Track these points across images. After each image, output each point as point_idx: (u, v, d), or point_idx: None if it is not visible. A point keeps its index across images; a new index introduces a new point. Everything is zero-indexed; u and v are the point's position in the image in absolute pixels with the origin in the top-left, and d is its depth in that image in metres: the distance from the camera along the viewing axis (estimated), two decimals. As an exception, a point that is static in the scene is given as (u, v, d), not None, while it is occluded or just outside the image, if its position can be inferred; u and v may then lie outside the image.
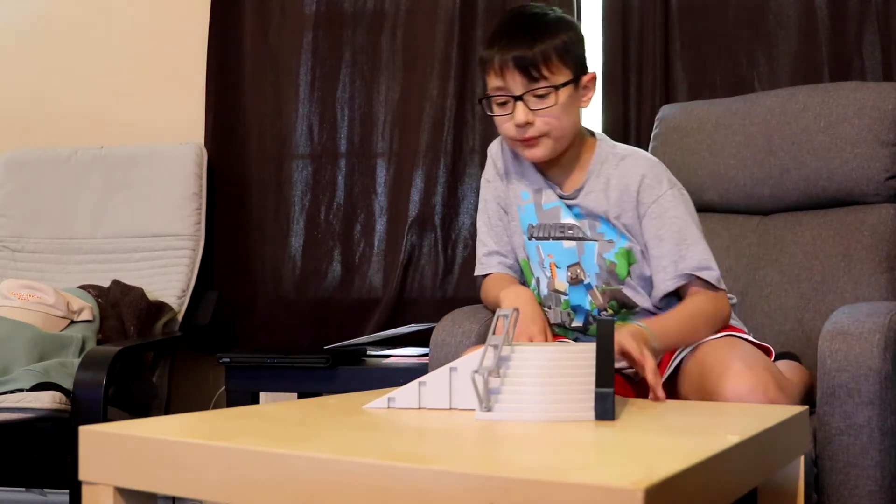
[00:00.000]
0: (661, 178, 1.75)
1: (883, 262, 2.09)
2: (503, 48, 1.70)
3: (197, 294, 2.82)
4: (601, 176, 1.78)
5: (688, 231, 1.73)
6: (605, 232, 1.78)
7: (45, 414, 2.10)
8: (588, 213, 1.79)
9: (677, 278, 1.72)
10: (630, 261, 1.77)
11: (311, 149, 2.97)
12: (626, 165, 1.77)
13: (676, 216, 1.73)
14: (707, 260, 1.73)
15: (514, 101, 1.70)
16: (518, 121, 1.70)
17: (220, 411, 1.39)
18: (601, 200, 1.77)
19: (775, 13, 2.59)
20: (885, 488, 1.58)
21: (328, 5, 2.96)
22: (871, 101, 2.17)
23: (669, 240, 1.73)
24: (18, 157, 3.06)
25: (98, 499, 1.10)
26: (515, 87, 1.70)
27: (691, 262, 1.72)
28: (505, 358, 1.28)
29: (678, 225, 1.73)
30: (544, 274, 1.83)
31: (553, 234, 1.82)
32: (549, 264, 1.82)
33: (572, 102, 1.73)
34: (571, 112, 1.74)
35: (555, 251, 1.81)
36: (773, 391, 1.52)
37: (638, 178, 1.75)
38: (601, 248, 1.77)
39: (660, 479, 0.83)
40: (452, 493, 0.87)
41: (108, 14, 3.20)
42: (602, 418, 1.24)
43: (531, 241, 1.84)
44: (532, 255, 1.85)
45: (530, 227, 1.84)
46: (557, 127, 1.72)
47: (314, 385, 2.38)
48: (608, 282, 1.78)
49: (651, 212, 1.74)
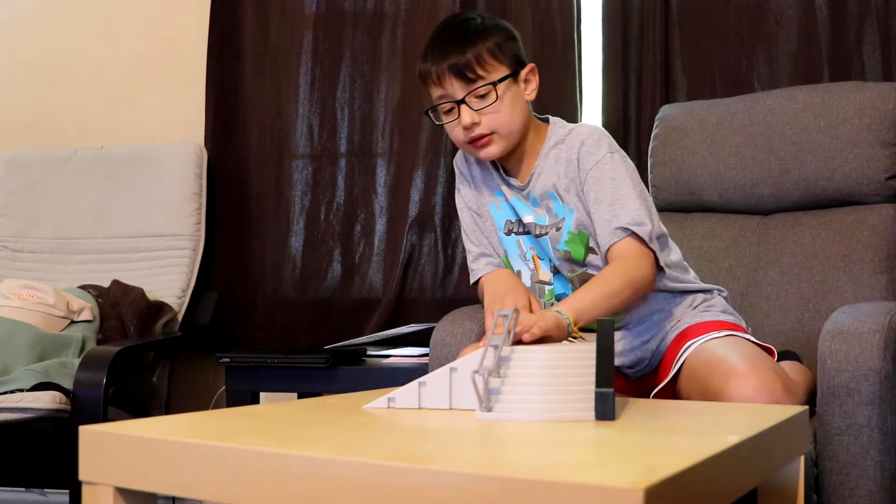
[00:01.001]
0: (600, 144, 1.77)
1: (883, 262, 2.09)
2: (437, 58, 1.75)
3: (197, 294, 2.82)
4: (550, 155, 1.81)
5: (623, 191, 1.73)
6: (558, 211, 1.80)
7: (45, 414, 2.10)
8: (541, 195, 1.82)
9: (612, 235, 1.71)
10: (584, 240, 1.79)
11: (311, 149, 2.97)
12: (571, 138, 1.81)
13: (613, 178, 1.74)
14: (641, 216, 1.70)
15: (457, 106, 1.75)
16: (464, 123, 1.75)
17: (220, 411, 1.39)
18: (550, 176, 1.80)
19: (775, 13, 2.59)
20: (885, 488, 1.58)
21: (328, 5, 2.96)
22: (871, 101, 2.17)
23: (605, 201, 1.73)
24: (18, 157, 3.06)
25: (98, 499, 1.10)
26: (455, 91, 1.74)
27: (625, 219, 1.70)
28: (505, 358, 1.28)
29: (613, 185, 1.73)
30: (527, 266, 1.86)
31: (529, 230, 1.85)
32: (532, 256, 1.86)
33: (515, 97, 1.77)
34: (516, 106, 1.77)
35: (535, 244, 1.85)
36: (779, 393, 1.52)
37: (578, 145, 1.78)
38: (553, 241, 1.81)
39: (660, 479, 0.83)
40: (452, 493, 0.87)
41: (108, 14, 3.20)
42: (602, 418, 1.24)
43: (510, 237, 1.88)
44: (512, 249, 1.88)
45: (508, 223, 1.88)
46: (504, 122, 1.76)
47: (314, 385, 2.38)
48: (572, 269, 1.81)
49: (590, 177, 1.75)
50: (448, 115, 1.78)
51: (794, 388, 1.60)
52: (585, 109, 2.78)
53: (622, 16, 2.71)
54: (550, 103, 2.71)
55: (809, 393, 1.75)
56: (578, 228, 1.78)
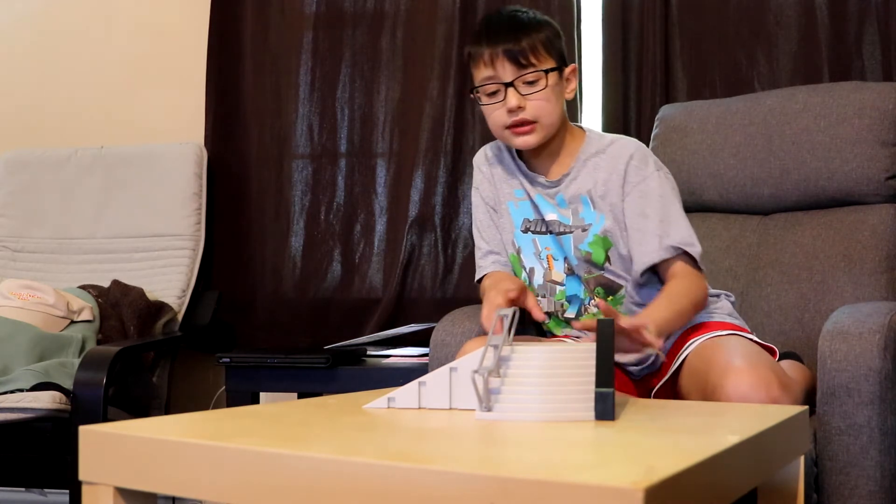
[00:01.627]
0: (647, 161, 1.82)
1: (883, 262, 2.09)
2: (492, 41, 1.79)
3: (197, 294, 2.82)
4: (589, 162, 1.84)
5: (672, 210, 1.79)
6: (586, 216, 1.83)
7: (45, 414, 2.10)
8: (572, 197, 1.84)
9: (662, 251, 1.76)
10: (606, 246, 1.82)
11: (311, 149, 2.97)
12: (614, 148, 1.84)
13: (662, 195, 1.79)
14: (691, 237, 1.78)
15: (504, 89, 1.78)
16: (510, 105, 1.77)
17: (220, 411, 1.39)
18: (587, 181, 1.83)
19: (775, 13, 2.59)
20: (885, 488, 1.58)
21: (328, 5, 2.96)
22: (871, 101, 2.17)
23: (654, 216, 1.78)
24: (18, 157, 3.06)
25: (98, 499, 1.10)
26: (506, 74, 1.77)
27: (676, 237, 1.76)
28: (505, 358, 1.28)
29: (663, 203, 1.79)
30: (540, 265, 1.88)
31: (547, 229, 1.87)
32: (546, 256, 1.88)
33: (559, 91, 1.81)
34: (559, 100, 1.82)
35: (552, 244, 1.87)
36: (775, 389, 1.52)
37: (626, 158, 1.81)
38: (576, 240, 1.83)
39: (660, 479, 0.83)
40: (452, 493, 0.87)
41: (108, 14, 3.20)
42: (602, 418, 1.24)
43: (526, 234, 1.89)
44: (527, 247, 1.90)
45: (526, 221, 1.89)
46: (547, 112, 1.79)
47: (314, 385, 2.38)
48: (589, 270, 1.84)
49: (637, 190, 1.79)
50: (492, 97, 1.80)
51: (791, 385, 1.60)
52: (585, 109, 2.78)
53: (622, 16, 2.71)
54: (550, 103, 2.71)
55: (808, 392, 1.75)
56: (604, 233, 1.81)
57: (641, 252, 1.78)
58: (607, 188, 1.81)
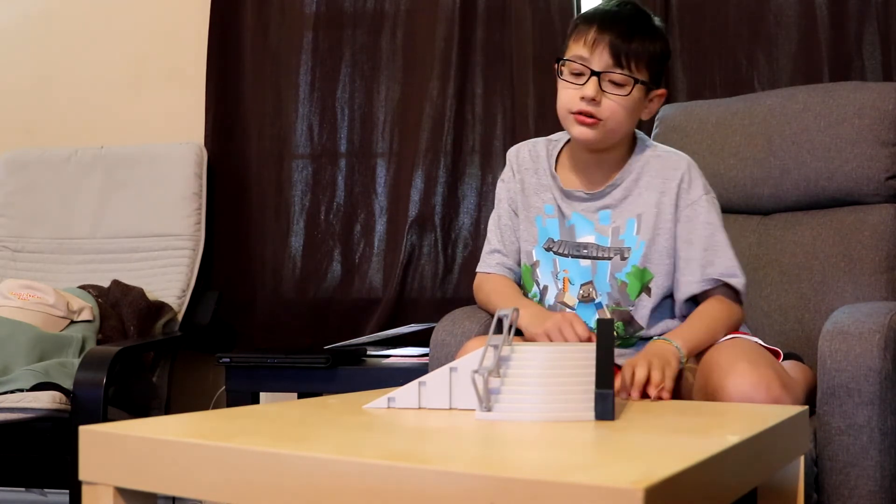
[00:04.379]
0: (696, 183, 1.79)
1: (883, 262, 2.09)
2: (603, 25, 1.72)
3: (197, 294, 2.82)
4: (640, 178, 1.80)
5: (718, 237, 1.76)
6: (627, 239, 1.78)
7: (45, 414, 2.10)
8: (617, 215, 1.80)
9: (703, 282, 1.75)
10: (644, 279, 1.77)
11: (311, 149, 2.97)
12: (665, 166, 1.79)
13: (708, 222, 1.76)
14: (734, 267, 1.76)
15: (590, 75, 1.71)
16: (587, 93, 1.70)
17: (220, 411, 1.39)
18: (638, 203, 1.79)
19: (775, 13, 2.59)
20: (885, 488, 1.58)
21: (328, 5, 2.96)
22: (871, 101, 2.17)
23: (699, 244, 1.75)
24: (18, 157, 3.06)
25: (98, 499, 1.10)
26: (598, 63, 1.71)
27: (719, 268, 1.75)
28: (505, 358, 1.28)
29: (709, 230, 1.76)
30: (556, 285, 1.83)
31: (571, 252, 1.82)
32: (563, 278, 1.82)
33: (638, 104, 1.75)
34: (634, 113, 1.75)
35: (571, 268, 1.82)
36: (776, 389, 1.52)
37: (677, 180, 1.78)
38: (614, 268, 1.78)
39: (660, 479, 0.83)
40: (452, 493, 0.87)
41: (108, 14, 3.20)
42: (602, 418, 1.24)
43: (548, 253, 1.84)
44: (546, 264, 1.84)
45: (550, 241, 1.84)
46: (618, 119, 1.73)
47: (314, 385, 2.38)
48: (619, 302, 1.78)
49: (684, 215, 1.77)
50: (574, 76, 1.73)
51: (793, 384, 1.60)
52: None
53: (622, 16, 2.71)
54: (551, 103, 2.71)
55: (809, 392, 1.75)
56: (644, 263, 1.77)
57: (684, 282, 1.76)
58: (659, 210, 1.77)
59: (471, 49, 2.83)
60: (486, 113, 2.84)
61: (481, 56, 2.84)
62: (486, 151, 2.84)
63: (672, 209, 1.77)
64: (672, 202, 1.77)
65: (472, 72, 2.83)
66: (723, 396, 1.54)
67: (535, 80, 2.73)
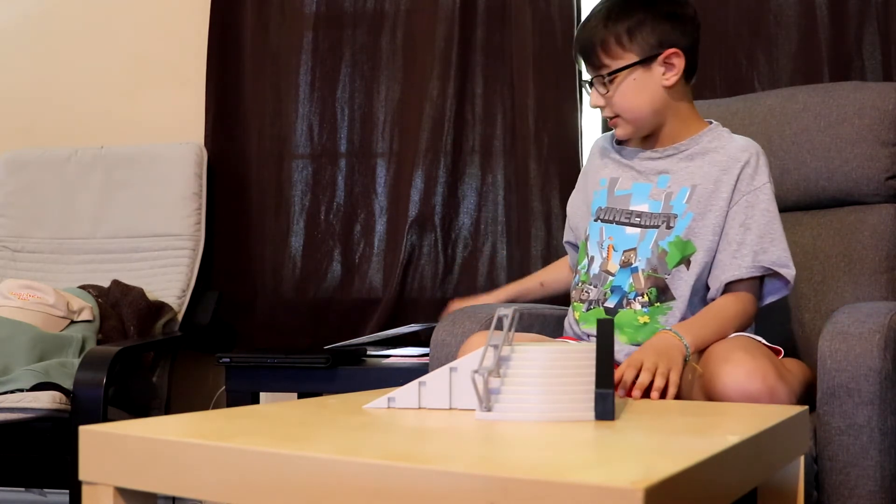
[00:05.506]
0: (762, 170, 1.80)
1: (883, 262, 2.09)
2: (578, 32, 1.82)
3: (197, 294, 2.82)
4: (707, 152, 1.81)
5: (775, 226, 1.78)
6: (676, 206, 1.79)
7: (45, 414, 2.10)
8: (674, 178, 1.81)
9: (753, 268, 1.75)
10: (686, 251, 1.77)
11: (311, 149, 2.97)
12: (734, 147, 1.81)
13: (768, 209, 1.78)
14: (787, 259, 1.77)
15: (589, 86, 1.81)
16: (590, 104, 1.82)
17: (220, 411, 1.39)
18: (697, 174, 1.80)
19: (775, 13, 2.59)
20: (886, 488, 1.58)
21: (328, 5, 2.97)
22: (871, 101, 2.17)
23: (756, 230, 1.76)
24: (18, 157, 3.06)
25: (98, 499, 1.10)
26: (587, 73, 1.81)
27: (772, 256, 1.76)
28: (505, 358, 1.28)
29: (768, 218, 1.77)
30: (600, 254, 1.85)
31: (618, 219, 1.85)
32: (608, 246, 1.84)
33: (643, 83, 1.76)
34: (643, 93, 1.77)
35: (616, 234, 1.84)
36: (772, 378, 1.52)
37: (742, 162, 1.79)
38: (659, 236, 1.79)
39: (660, 479, 0.83)
40: (452, 493, 0.87)
41: (108, 14, 3.20)
42: (602, 418, 1.24)
43: (596, 223, 1.87)
44: (593, 235, 1.88)
45: (599, 209, 1.88)
46: (626, 108, 1.77)
47: (314, 385, 2.38)
48: (655, 268, 1.79)
49: (745, 200, 1.78)
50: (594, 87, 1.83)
51: (788, 376, 1.60)
52: (585, 110, 2.78)
53: (622, 16, 2.71)
54: (551, 104, 2.72)
55: (806, 386, 1.75)
56: (688, 236, 1.78)
57: (734, 264, 1.75)
58: (717, 187, 1.78)
59: (471, 49, 2.83)
60: (486, 113, 2.84)
61: (481, 56, 2.84)
62: (486, 151, 2.83)
63: (730, 189, 1.78)
64: (732, 182, 1.78)
65: (472, 72, 2.83)
66: (717, 385, 1.54)
67: (535, 80, 2.73)
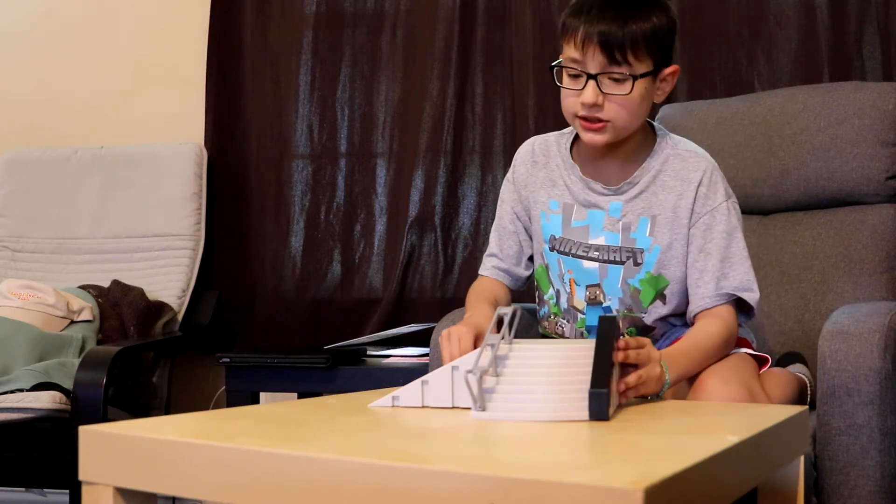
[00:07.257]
0: (717, 187, 1.69)
1: (883, 262, 2.09)
2: (590, 20, 1.57)
3: (197, 294, 2.82)
4: (658, 176, 1.70)
5: (734, 248, 1.67)
6: (639, 239, 1.69)
7: (45, 414, 2.10)
8: (629, 211, 1.70)
9: (717, 297, 1.66)
10: (659, 286, 1.70)
11: (311, 149, 2.97)
12: (685, 166, 1.70)
13: (727, 231, 1.67)
14: (750, 281, 1.67)
15: (587, 78, 1.59)
16: (586, 100, 1.59)
17: (220, 411, 1.39)
18: (654, 203, 1.69)
19: (775, 13, 2.59)
20: (885, 488, 1.58)
21: (328, 5, 2.97)
22: (871, 101, 2.17)
23: (716, 254, 1.66)
24: (18, 157, 3.06)
25: (98, 499, 1.10)
26: (593, 65, 1.58)
27: (734, 281, 1.66)
28: (502, 357, 1.28)
29: (727, 240, 1.67)
30: (564, 289, 1.76)
31: (574, 252, 1.73)
32: (569, 280, 1.75)
33: (647, 95, 1.62)
34: (643, 105, 1.63)
35: (574, 268, 1.74)
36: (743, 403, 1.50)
37: (696, 181, 1.68)
38: (626, 273, 1.70)
39: (660, 479, 0.83)
40: (452, 493, 0.87)
41: (108, 14, 3.20)
42: (596, 418, 1.24)
43: (552, 253, 1.76)
44: (552, 266, 1.77)
45: (552, 238, 1.76)
46: (624, 117, 1.61)
47: (314, 385, 2.38)
48: (630, 307, 1.71)
49: (702, 222, 1.68)
50: (572, 80, 1.61)
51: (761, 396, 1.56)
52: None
53: (622, 16, 2.71)
54: (551, 104, 2.71)
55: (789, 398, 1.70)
56: (659, 270, 1.69)
57: (699, 294, 1.66)
58: (676, 214, 1.68)
59: (471, 49, 2.83)
60: (486, 113, 2.84)
61: (481, 56, 2.84)
62: (486, 151, 2.84)
63: (688, 213, 1.68)
64: (689, 206, 1.67)
65: (472, 72, 2.84)
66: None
67: (535, 80, 2.73)
